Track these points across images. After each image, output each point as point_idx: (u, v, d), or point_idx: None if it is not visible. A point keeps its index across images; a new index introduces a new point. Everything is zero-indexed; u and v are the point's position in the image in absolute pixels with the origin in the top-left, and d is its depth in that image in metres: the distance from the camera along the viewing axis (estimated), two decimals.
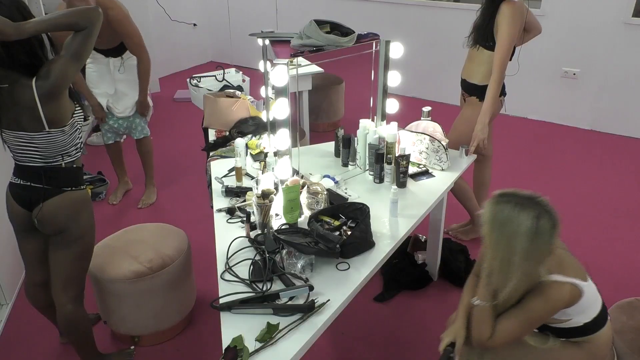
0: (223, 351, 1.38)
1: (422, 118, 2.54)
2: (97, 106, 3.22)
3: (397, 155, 2.24)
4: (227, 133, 2.80)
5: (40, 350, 2.39)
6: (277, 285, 1.63)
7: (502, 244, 1.46)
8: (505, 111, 2.95)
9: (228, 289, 1.62)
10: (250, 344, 1.40)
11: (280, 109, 1.93)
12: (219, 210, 2.06)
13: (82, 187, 1.91)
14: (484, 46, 2.55)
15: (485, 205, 1.50)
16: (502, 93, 2.68)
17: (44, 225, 1.86)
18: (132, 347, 2.35)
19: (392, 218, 2.01)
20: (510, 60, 2.58)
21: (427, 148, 2.40)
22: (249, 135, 2.68)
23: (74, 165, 1.87)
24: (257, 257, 1.75)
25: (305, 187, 2.02)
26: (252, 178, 2.26)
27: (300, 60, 2.05)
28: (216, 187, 2.24)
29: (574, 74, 4.59)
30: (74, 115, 1.82)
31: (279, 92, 1.91)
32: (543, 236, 1.44)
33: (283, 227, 1.89)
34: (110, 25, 2.92)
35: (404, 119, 2.54)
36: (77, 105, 1.85)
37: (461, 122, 2.76)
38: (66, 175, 1.84)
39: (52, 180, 1.82)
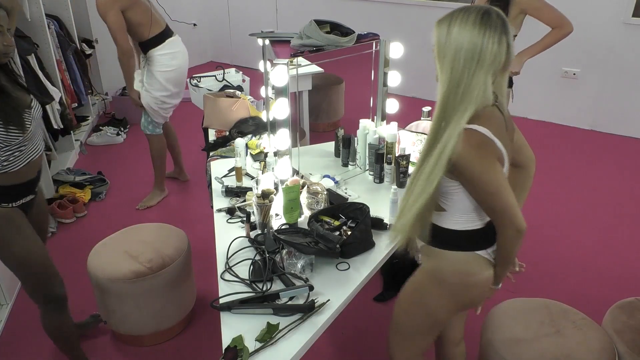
0: (223, 351, 1.38)
1: (422, 118, 2.54)
2: (137, 96, 3.28)
3: (397, 155, 2.24)
4: (227, 133, 2.80)
5: (40, 351, 2.39)
6: (277, 285, 1.63)
7: (449, 54, 1.31)
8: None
9: (228, 289, 1.62)
10: (250, 344, 1.40)
11: (280, 109, 1.93)
12: (219, 210, 2.06)
13: None
14: None
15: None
16: (510, 84, 2.64)
17: None
18: None
19: (392, 218, 2.01)
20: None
21: None
22: (249, 135, 2.68)
23: None
24: (257, 257, 1.74)
25: (305, 187, 2.02)
26: (252, 178, 2.26)
27: (300, 60, 2.05)
28: (216, 187, 2.24)
29: (574, 74, 4.59)
30: None
31: (279, 92, 1.91)
32: (491, 30, 1.25)
33: (283, 227, 1.88)
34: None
35: (404, 119, 2.54)
36: None
37: None
38: None
39: None
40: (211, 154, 2.66)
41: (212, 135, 2.91)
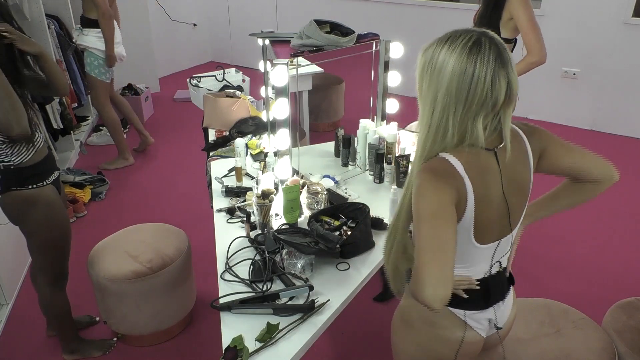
0: (223, 351, 1.38)
1: None
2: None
3: (397, 155, 2.24)
4: (227, 133, 2.80)
5: (40, 351, 2.39)
6: (277, 285, 1.63)
7: (431, 88, 1.10)
8: None
9: (228, 289, 1.62)
10: (250, 344, 1.40)
11: (280, 109, 1.93)
12: (219, 210, 2.06)
13: (29, 187, 1.90)
14: None
15: None
16: None
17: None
18: (114, 339, 2.39)
19: (392, 218, 2.00)
20: (512, 51, 2.57)
21: None
22: (249, 135, 2.68)
23: (12, 167, 1.86)
24: (257, 257, 1.74)
25: (305, 187, 2.02)
26: (252, 178, 2.26)
27: (300, 60, 2.05)
28: (216, 187, 2.24)
29: (574, 74, 4.59)
30: None
31: (279, 92, 1.91)
32: (480, 58, 1.03)
33: (283, 227, 1.88)
34: None
35: (404, 119, 2.54)
36: None
37: None
38: (4, 176, 1.88)
39: (1, 180, 1.90)
40: (211, 154, 2.66)
41: (212, 135, 2.91)
